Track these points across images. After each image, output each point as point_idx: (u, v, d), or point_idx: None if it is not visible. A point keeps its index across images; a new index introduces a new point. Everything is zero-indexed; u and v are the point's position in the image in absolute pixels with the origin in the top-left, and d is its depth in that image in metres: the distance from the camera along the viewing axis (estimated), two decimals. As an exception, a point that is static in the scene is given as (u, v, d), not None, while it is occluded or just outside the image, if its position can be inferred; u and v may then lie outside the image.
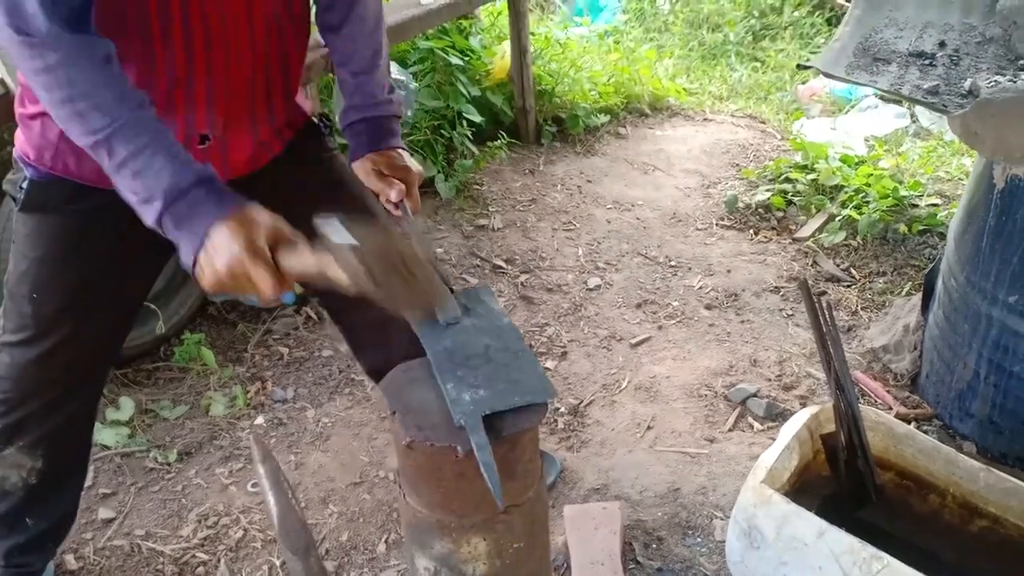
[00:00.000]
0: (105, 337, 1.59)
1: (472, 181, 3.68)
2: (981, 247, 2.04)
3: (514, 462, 1.04)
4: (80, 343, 1.53)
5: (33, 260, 1.45)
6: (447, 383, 1.03)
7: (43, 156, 1.38)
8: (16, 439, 1.60)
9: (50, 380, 1.55)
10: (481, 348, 1.09)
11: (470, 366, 1.06)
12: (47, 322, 1.49)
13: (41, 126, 1.36)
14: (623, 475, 2.21)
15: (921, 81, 2.10)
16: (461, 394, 1.01)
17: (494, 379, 1.04)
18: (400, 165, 1.55)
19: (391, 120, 1.59)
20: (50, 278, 1.46)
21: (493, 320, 1.14)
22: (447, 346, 1.09)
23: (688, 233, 3.44)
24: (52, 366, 1.53)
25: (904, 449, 1.79)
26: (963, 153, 3.84)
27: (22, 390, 1.55)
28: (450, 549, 1.06)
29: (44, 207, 1.42)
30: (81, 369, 1.58)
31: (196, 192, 1.09)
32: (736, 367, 2.61)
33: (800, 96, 4.76)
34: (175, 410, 2.47)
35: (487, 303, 1.18)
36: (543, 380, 1.05)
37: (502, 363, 1.06)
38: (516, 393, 1.02)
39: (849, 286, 3.00)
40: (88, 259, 1.47)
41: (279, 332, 2.80)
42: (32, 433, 1.59)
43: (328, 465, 2.29)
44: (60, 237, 1.44)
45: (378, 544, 2.05)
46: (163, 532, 2.09)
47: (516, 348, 1.09)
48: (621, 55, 4.79)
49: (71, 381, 1.58)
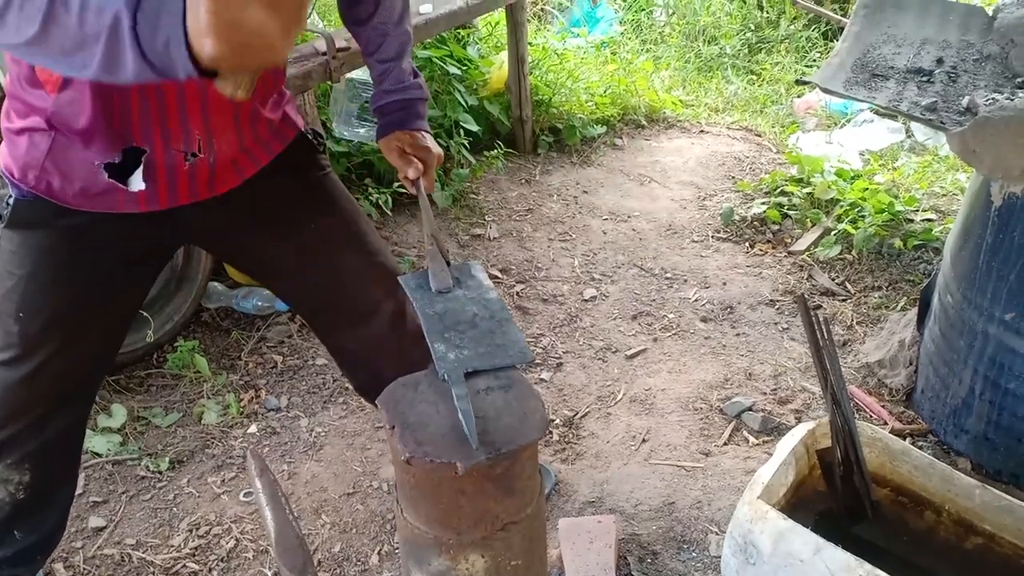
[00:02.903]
0: (94, 355, 1.57)
1: (468, 190, 3.68)
2: (978, 264, 2.05)
3: (513, 478, 1.03)
4: (68, 361, 1.50)
5: (20, 277, 1.42)
6: (435, 343, 1.13)
7: (27, 176, 1.34)
8: (3, 456, 1.57)
9: (37, 398, 1.53)
10: (469, 316, 1.19)
11: (458, 330, 1.16)
12: (34, 341, 1.46)
13: (28, 143, 1.32)
14: (618, 488, 2.20)
15: (919, 98, 2.11)
16: (447, 353, 1.11)
17: (478, 343, 1.14)
18: (422, 146, 1.61)
19: (419, 103, 1.66)
20: (37, 296, 1.43)
21: (481, 292, 1.25)
22: (438, 311, 1.20)
23: (684, 245, 3.44)
24: (39, 385, 1.50)
25: (900, 465, 1.79)
26: (958, 169, 3.86)
27: (8, 408, 1.53)
28: (448, 566, 1.05)
29: (30, 224, 1.39)
30: (70, 387, 1.56)
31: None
32: (731, 380, 2.61)
33: (796, 110, 4.78)
34: (167, 418, 2.45)
35: (477, 277, 1.29)
36: (523, 347, 1.14)
37: (487, 330, 1.17)
38: (497, 356, 1.12)
39: (844, 300, 3.00)
40: (76, 275, 1.44)
41: (273, 340, 2.79)
42: (20, 450, 1.56)
43: (321, 475, 2.27)
44: (47, 254, 1.41)
45: (371, 556, 2.03)
46: (154, 541, 2.07)
47: (501, 317, 1.20)
48: (618, 66, 4.80)
49: (59, 399, 1.55)
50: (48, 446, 1.59)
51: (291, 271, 1.64)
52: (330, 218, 1.62)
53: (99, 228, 1.39)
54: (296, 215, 1.58)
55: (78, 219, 1.37)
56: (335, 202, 1.63)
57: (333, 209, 1.62)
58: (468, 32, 4.16)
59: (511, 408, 1.05)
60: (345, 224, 1.63)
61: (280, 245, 1.59)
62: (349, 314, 1.70)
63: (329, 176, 1.65)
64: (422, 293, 1.24)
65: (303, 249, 1.60)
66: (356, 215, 1.67)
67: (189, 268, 2.73)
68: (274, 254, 1.61)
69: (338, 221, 1.62)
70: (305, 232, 1.59)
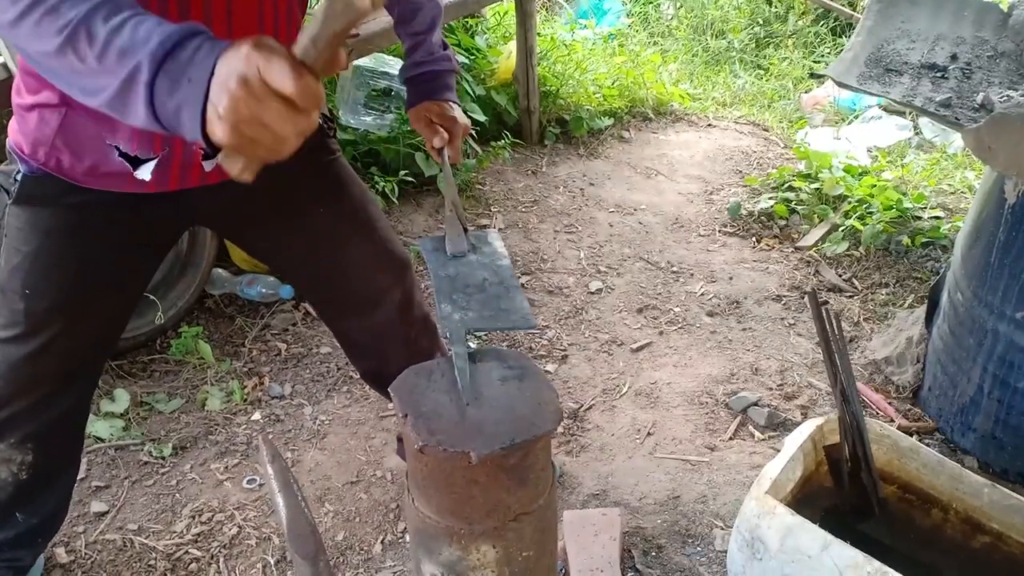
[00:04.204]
0: (99, 333, 1.55)
1: (475, 181, 3.66)
2: (989, 261, 2.03)
3: (526, 469, 1.02)
4: (73, 340, 1.50)
5: (26, 254, 1.41)
6: (442, 303, 1.17)
7: (37, 152, 1.33)
8: (6, 435, 1.56)
9: (42, 377, 1.52)
10: (479, 280, 1.23)
11: (466, 293, 1.19)
12: (39, 318, 1.45)
13: (38, 119, 1.31)
14: (622, 481, 2.19)
15: (933, 93, 2.09)
16: (452, 314, 1.14)
17: (484, 306, 1.17)
18: (449, 116, 1.63)
19: (448, 75, 1.68)
20: (43, 273, 1.42)
21: (495, 259, 1.28)
22: (450, 273, 1.23)
23: (690, 239, 3.42)
24: (44, 363, 1.49)
25: (908, 463, 1.78)
26: (966, 166, 3.84)
27: (13, 387, 1.52)
28: (458, 556, 1.04)
29: (38, 200, 1.39)
30: (74, 366, 1.55)
31: (190, 43, 0.85)
32: (737, 375, 2.60)
33: (804, 105, 4.76)
34: (171, 403, 2.44)
35: (493, 245, 1.32)
36: (526, 313, 1.17)
37: (494, 295, 1.20)
38: (500, 320, 1.16)
39: (851, 297, 2.99)
40: (83, 253, 1.43)
41: (277, 327, 2.78)
42: (22, 429, 1.56)
43: (325, 463, 2.26)
44: (54, 230, 1.40)
45: (374, 545, 2.02)
46: (156, 527, 2.07)
47: (509, 284, 1.23)
48: (626, 58, 4.77)
49: (64, 378, 1.55)
50: (52, 426, 1.58)
51: (298, 255, 1.63)
52: (339, 203, 1.60)
53: (107, 207, 1.38)
54: (305, 198, 1.57)
55: (86, 196, 1.36)
56: (344, 187, 1.62)
57: (342, 194, 1.61)
58: (476, 22, 4.14)
59: (525, 399, 1.04)
60: (354, 210, 1.62)
61: (288, 228, 1.58)
62: (356, 302, 1.69)
63: (339, 160, 1.63)
64: (437, 256, 1.27)
65: (311, 233, 1.59)
66: (365, 201, 1.65)
67: (193, 254, 2.72)
68: (281, 237, 1.60)
69: (347, 207, 1.61)
70: (314, 216, 1.58)
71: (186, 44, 0.84)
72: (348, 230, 1.62)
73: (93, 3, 0.88)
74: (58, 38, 0.88)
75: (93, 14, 0.87)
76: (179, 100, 0.83)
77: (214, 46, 0.84)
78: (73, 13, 0.87)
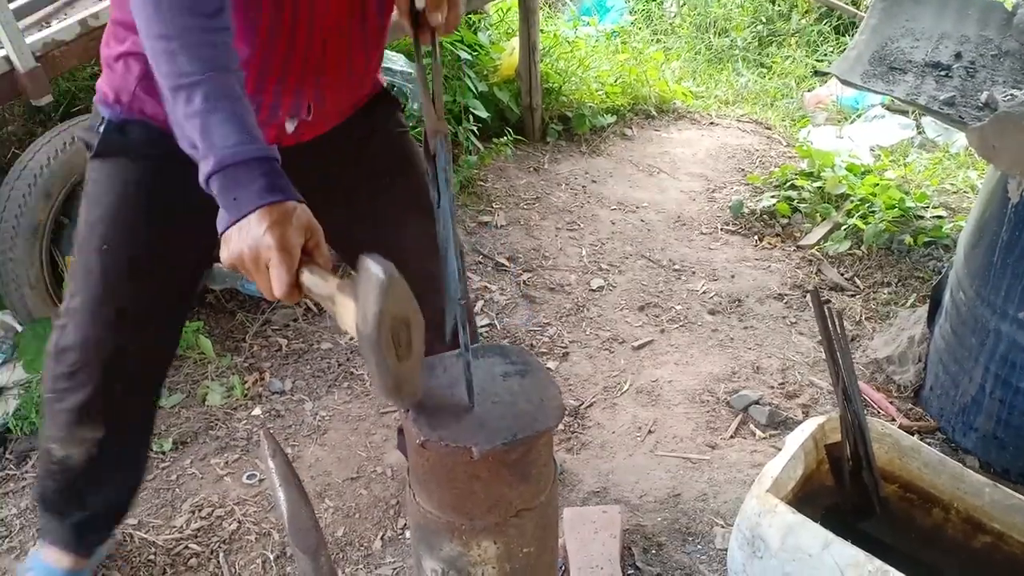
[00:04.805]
0: (175, 293, 1.53)
1: (476, 177, 3.65)
2: (992, 261, 2.03)
3: (529, 465, 1.02)
4: (147, 303, 1.48)
5: (107, 206, 1.41)
6: None
7: (120, 97, 1.37)
8: (82, 412, 1.54)
9: (118, 346, 1.49)
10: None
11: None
12: (116, 278, 1.44)
13: (123, 67, 1.35)
14: (623, 479, 2.19)
15: (937, 92, 2.09)
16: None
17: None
18: None
19: None
20: (122, 226, 1.42)
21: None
22: None
23: (692, 237, 3.42)
24: (120, 329, 1.47)
25: (909, 462, 1.78)
26: (969, 166, 3.84)
27: (88, 359, 1.49)
28: (459, 551, 1.04)
29: (119, 151, 1.40)
30: (150, 332, 1.52)
31: (253, 166, 1.03)
32: (739, 373, 2.59)
33: (806, 104, 4.75)
34: (171, 398, 2.44)
35: None
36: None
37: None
38: None
39: (853, 295, 2.99)
40: (160, 207, 1.43)
41: (278, 323, 2.77)
42: (97, 404, 1.53)
43: (325, 459, 2.26)
44: (133, 183, 1.42)
45: (374, 541, 2.02)
46: (156, 522, 2.06)
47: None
48: (628, 56, 4.77)
49: (139, 345, 1.51)
50: (125, 400, 1.56)
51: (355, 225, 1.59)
52: (403, 178, 1.57)
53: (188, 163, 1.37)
54: (371, 168, 1.56)
55: (164, 149, 1.29)
56: (411, 163, 1.59)
57: (408, 169, 1.58)
58: (479, 17, 4.13)
59: (528, 394, 1.03)
60: (418, 188, 1.52)
61: (351, 197, 1.56)
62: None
63: (407, 135, 1.61)
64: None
65: (372, 204, 1.57)
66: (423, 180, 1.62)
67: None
68: (343, 205, 1.56)
69: (412, 183, 1.57)
70: (377, 187, 1.56)
71: (252, 167, 1.03)
72: (408, 206, 1.57)
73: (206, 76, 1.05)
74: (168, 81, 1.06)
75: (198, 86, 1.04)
76: (219, 199, 1.04)
77: (266, 191, 1.02)
78: (188, 70, 1.05)
